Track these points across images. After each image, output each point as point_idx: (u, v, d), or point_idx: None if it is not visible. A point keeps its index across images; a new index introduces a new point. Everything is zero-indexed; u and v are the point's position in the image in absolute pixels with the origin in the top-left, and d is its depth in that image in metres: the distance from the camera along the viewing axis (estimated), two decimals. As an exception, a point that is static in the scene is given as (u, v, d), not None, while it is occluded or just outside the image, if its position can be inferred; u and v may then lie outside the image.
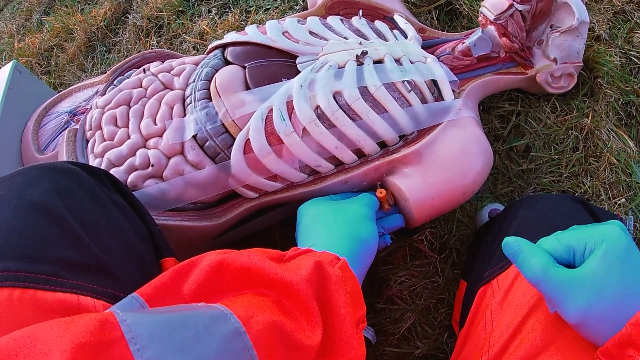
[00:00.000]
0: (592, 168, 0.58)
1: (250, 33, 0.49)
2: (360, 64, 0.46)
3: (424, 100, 0.47)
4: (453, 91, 0.49)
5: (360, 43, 0.48)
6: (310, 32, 0.49)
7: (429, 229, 0.51)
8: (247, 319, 0.25)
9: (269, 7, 0.67)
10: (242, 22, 0.67)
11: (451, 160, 0.44)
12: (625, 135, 0.61)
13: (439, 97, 0.49)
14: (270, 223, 0.49)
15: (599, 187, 0.57)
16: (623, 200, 0.58)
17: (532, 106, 0.59)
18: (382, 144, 0.46)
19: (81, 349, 0.20)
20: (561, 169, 0.57)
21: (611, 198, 0.58)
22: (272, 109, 0.43)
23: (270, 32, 0.48)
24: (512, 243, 0.32)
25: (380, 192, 0.44)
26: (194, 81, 0.48)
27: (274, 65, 0.46)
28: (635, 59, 0.63)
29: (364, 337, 0.52)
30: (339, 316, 0.30)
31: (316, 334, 0.28)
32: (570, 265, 0.31)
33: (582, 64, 0.57)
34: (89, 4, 0.86)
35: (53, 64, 0.83)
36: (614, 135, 0.60)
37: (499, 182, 0.57)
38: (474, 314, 0.42)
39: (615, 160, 0.58)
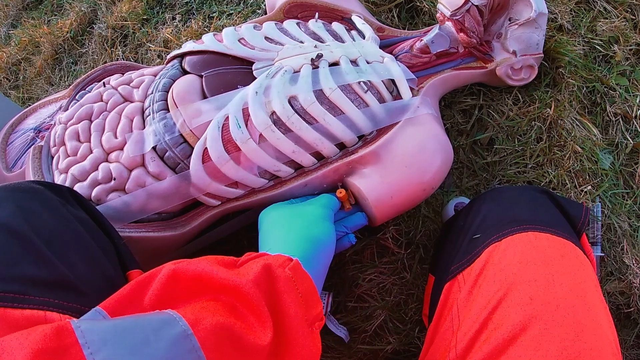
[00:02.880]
0: (557, 157, 0.58)
1: (207, 41, 0.49)
2: (315, 67, 0.46)
3: (381, 100, 0.48)
4: (412, 89, 0.49)
5: (315, 46, 0.48)
6: (266, 38, 0.49)
7: (393, 227, 0.51)
8: (196, 322, 0.27)
9: (231, 12, 0.67)
10: (205, 29, 0.67)
11: (409, 158, 0.44)
12: (589, 123, 0.62)
13: (397, 96, 0.49)
14: (236, 229, 0.49)
15: (564, 176, 0.58)
16: (589, 187, 0.59)
17: (494, 99, 0.59)
18: (342, 145, 0.47)
19: (39, 354, 0.22)
20: (526, 160, 0.58)
21: (577, 186, 0.58)
22: (228, 117, 0.44)
23: (227, 39, 0.49)
24: None
25: (340, 192, 0.45)
26: (152, 93, 0.48)
27: (231, 72, 0.47)
28: (599, 47, 0.64)
29: (339, 336, 0.53)
30: (289, 316, 0.31)
31: (266, 334, 0.30)
32: None
33: (543, 55, 0.58)
34: (55, 15, 0.85)
35: (21, 77, 0.82)
36: (578, 123, 0.61)
37: (464, 176, 0.57)
38: (441, 309, 0.43)
39: (579, 149, 0.59)
